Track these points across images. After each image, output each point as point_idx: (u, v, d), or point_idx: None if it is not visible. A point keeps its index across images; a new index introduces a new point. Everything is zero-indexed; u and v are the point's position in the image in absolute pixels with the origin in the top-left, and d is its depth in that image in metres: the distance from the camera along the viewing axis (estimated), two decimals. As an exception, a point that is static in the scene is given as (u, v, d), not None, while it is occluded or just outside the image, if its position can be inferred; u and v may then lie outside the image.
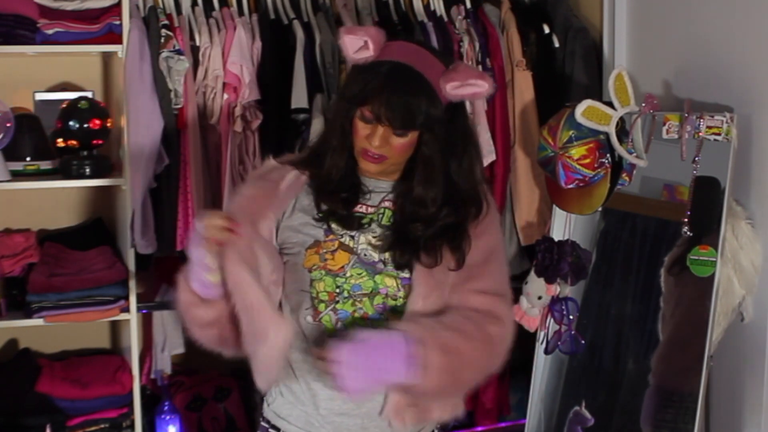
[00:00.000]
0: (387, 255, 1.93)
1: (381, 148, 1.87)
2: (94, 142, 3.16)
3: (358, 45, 1.90)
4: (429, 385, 1.84)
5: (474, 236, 1.96)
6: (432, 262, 1.91)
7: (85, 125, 3.12)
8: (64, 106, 3.17)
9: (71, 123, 3.11)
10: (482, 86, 1.96)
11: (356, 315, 1.92)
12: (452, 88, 1.91)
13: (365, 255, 1.94)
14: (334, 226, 1.95)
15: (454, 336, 1.87)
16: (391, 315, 1.92)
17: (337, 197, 1.95)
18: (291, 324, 1.91)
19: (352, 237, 1.94)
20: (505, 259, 2.07)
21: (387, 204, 1.98)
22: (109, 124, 3.18)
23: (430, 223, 1.92)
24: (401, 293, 1.92)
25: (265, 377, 1.92)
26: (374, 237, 1.95)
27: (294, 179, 1.98)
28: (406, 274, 1.93)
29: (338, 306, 1.92)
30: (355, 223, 1.95)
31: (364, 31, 1.92)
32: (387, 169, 1.94)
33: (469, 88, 1.93)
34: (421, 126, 1.87)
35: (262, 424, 2.05)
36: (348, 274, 1.92)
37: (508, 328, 1.99)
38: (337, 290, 1.92)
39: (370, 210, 1.97)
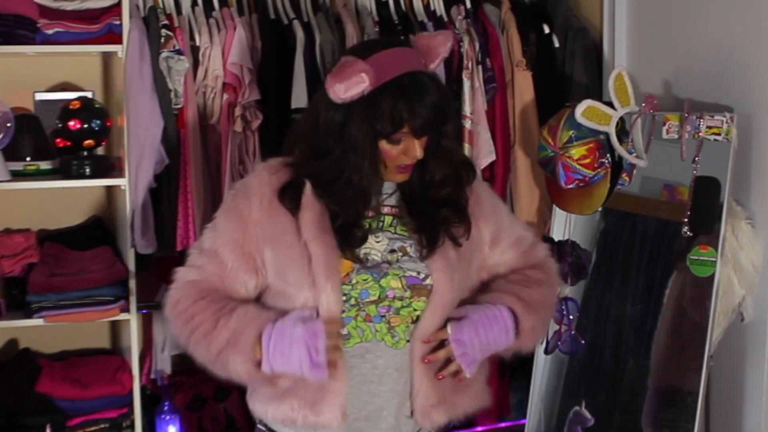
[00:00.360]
0: (391, 255, 1.93)
1: (420, 156, 1.90)
2: (94, 142, 3.16)
3: (354, 84, 1.84)
4: (526, 343, 2.01)
5: (475, 204, 2.02)
6: (442, 240, 1.94)
7: (86, 125, 3.11)
8: (63, 105, 3.17)
9: (71, 123, 3.11)
10: (446, 48, 1.96)
11: (359, 319, 1.91)
12: (436, 65, 1.95)
13: (368, 258, 1.93)
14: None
15: (533, 290, 2.02)
16: (393, 315, 1.92)
17: (359, 212, 1.93)
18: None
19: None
20: (507, 208, 2.18)
21: (386, 210, 1.98)
22: (108, 124, 3.18)
23: (448, 202, 1.97)
24: (408, 293, 1.92)
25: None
26: (376, 239, 1.95)
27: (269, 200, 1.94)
28: (411, 273, 1.93)
29: (343, 314, 1.90)
30: (357, 240, 1.94)
31: (352, 67, 1.85)
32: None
33: (440, 57, 1.96)
34: (442, 122, 1.92)
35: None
36: (354, 281, 1.91)
37: (548, 252, 2.17)
38: (344, 298, 1.90)
39: (371, 215, 1.96)
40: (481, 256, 2.04)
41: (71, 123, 3.11)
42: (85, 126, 3.12)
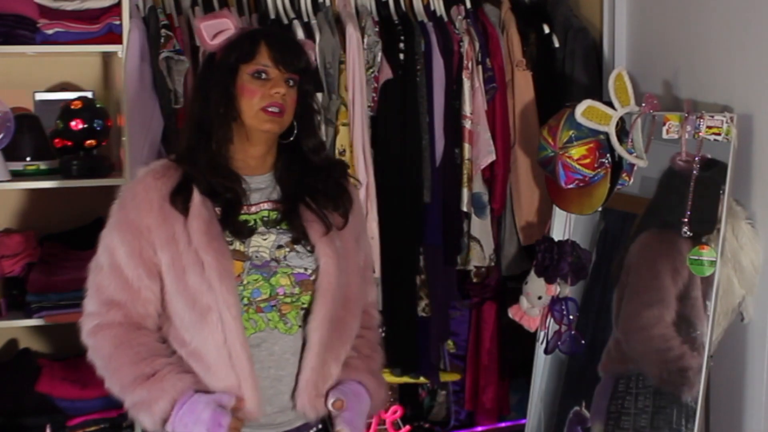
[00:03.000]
0: (279, 251, 1.99)
1: (283, 97, 1.96)
2: (94, 142, 3.15)
3: (219, 29, 2.00)
4: (378, 407, 2.17)
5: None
6: (325, 228, 2.02)
7: (85, 125, 3.11)
8: (63, 105, 3.17)
9: (71, 123, 3.11)
10: (311, 56, 2.12)
11: (251, 311, 1.96)
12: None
13: (256, 257, 1.97)
14: (225, 233, 1.97)
15: (372, 360, 2.14)
16: (283, 304, 1.98)
17: (230, 185, 1.99)
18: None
19: (243, 242, 1.98)
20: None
21: (266, 206, 2.03)
22: (109, 124, 3.18)
23: (323, 172, 2.06)
24: (297, 290, 1.99)
25: None
26: (263, 237, 1.99)
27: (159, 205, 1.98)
28: (299, 270, 1.99)
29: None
30: (246, 231, 1.99)
31: (220, 14, 2.05)
32: (281, 130, 2.01)
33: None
34: (305, 72, 2.03)
35: None
36: (245, 282, 1.96)
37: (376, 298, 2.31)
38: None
39: (252, 210, 2.01)
40: (355, 254, 2.12)
41: (72, 123, 3.11)
42: (86, 126, 3.12)
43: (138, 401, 1.96)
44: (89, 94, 3.37)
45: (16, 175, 3.10)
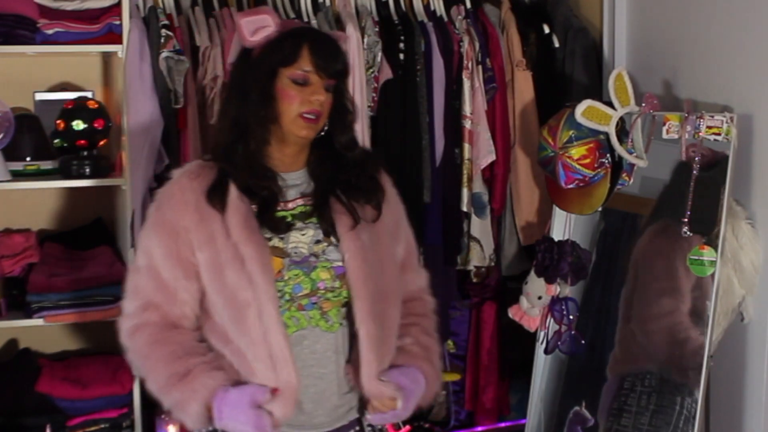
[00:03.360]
0: (317, 246, 1.99)
1: (323, 104, 1.96)
2: (94, 142, 3.15)
3: (259, 25, 1.97)
4: (432, 391, 2.11)
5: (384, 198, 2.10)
6: (353, 221, 2.01)
7: (86, 125, 3.11)
8: (64, 106, 3.17)
9: (71, 123, 3.11)
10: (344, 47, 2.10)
11: (292, 309, 1.97)
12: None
13: (295, 253, 1.98)
14: (263, 229, 1.98)
15: (430, 349, 2.13)
16: (324, 301, 1.99)
17: (265, 180, 2.00)
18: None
19: (282, 238, 1.99)
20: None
21: (301, 202, 2.04)
22: (109, 124, 3.18)
23: (358, 166, 2.05)
24: (337, 283, 1.99)
25: None
26: (301, 233, 2.00)
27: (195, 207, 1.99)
28: (337, 263, 1.99)
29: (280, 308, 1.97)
30: (283, 226, 1.99)
31: (261, 10, 2.03)
32: (316, 134, 2.01)
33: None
34: (343, 75, 2.02)
35: None
36: (286, 278, 1.96)
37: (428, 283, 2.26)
38: (278, 294, 1.95)
39: (289, 206, 2.02)
40: (390, 246, 2.11)
41: (71, 123, 3.11)
42: (86, 126, 3.11)
43: (173, 404, 1.96)
44: (89, 94, 3.37)
45: (16, 175, 3.10)
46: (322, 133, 2.04)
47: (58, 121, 3.13)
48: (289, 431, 1.99)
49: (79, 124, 3.10)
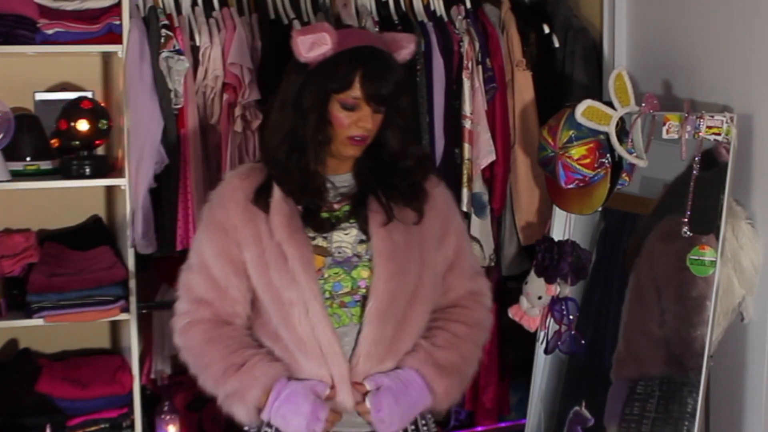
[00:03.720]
0: (361, 246, 2.01)
1: (370, 130, 1.98)
2: (94, 142, 3.16)
3: (314, 42, 1.97)
4: (442, 405, 2.06)
5: (432, 199, 2.09)
6: (386, 219, 2.01)
7: (85, 125, 3.11)
8: (64, 106, 3.17)
9: (71, 123, 3.11)
10: (411, 47, 2.07)
11: (334, 306, 1.99)
12: (399, 54, 2.04)
13: (339, 253, 2.00)
14: (307, 229, 2.01)
15: (451, 352, 2.05)
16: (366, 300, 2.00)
17: (317, 195, 2.02)
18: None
19: (325, 238, 2.01)
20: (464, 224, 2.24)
21: (345, 202, 2.05)
22: (109, 124, 3.18)
23: (404, 172, 2.05)
24: None
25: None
26: (344, 232, 2.02)
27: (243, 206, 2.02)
28: None
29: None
30: (327, 225, 2.01)
31: (319, 26, 2.00)
32: (362, 152, 2.03)
33: (404, 51, 2.06)
34: (396, 94, 1.99)
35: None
36: (326, 276, 1.99)
37: (489, 302, 2.25)
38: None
39: (335, 207, 2.04)
40: (432, 250, 2.09)
41: (71, 123, 3.11)
42: (85, 126, 3.11)
43: (230, 392, 1.98)
44: (89, 94, 3.37)
45: (16, 175, 3.10)
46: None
47: (61, 121, 3.12)
48: (336, 429, 2.00)
49: (82, 124, 3.10)
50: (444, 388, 2.03)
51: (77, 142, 3.12)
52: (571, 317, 2.94)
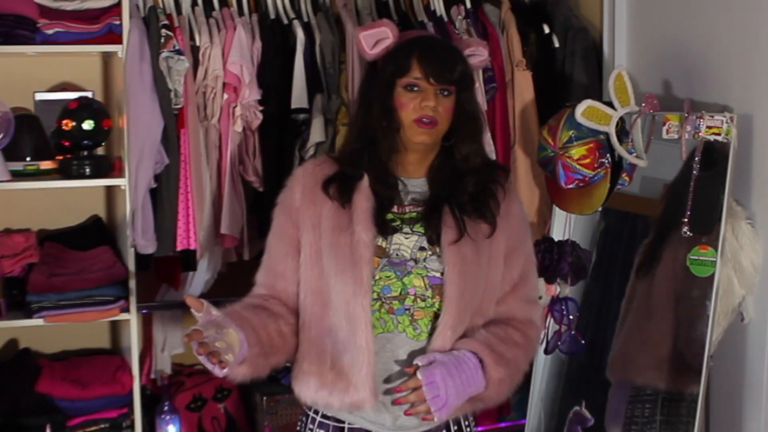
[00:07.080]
0: (420, 253, 2.00)
1: (435, 109, 1.98)
2: (94, 142, 3.15)
3: (378, 38, 2.03)
4: (492, 396, 2.03)
5: (503, 214, 2.07)
6: (458, 235, 2.00)
7: (86, 125, 3.11)
8: (64, 106, 3.16)
9: (72, 123, 3.11)
10: (484, 53, 2.14)
11: (382, 311, 1.98)
12: (468, 56, 2.08)
13: (396, 255, 2.00)
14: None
15: (508, 347, 2.03)
16: (417, 309, 1.98)
17: (391, 185, 2.05)
18: None
19: (386, 239, 2.01)
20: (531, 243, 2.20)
21: (414, 207, 2.05)
22: (109, 124, 3.18)
23: (477, 179, 2.05)
24: (429, 293, 1.99)
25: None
26: (405, 236, 2.02)
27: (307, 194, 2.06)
28: (435, 273, 1.99)
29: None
30: (388, 228, 2.02)
31: (380, 23, 2.06)
32: (435, 140, 2.03)
33: (476, 57, 2.11)
34: (460, 81, 2.01)
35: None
36: (377, 277, 1.98)
37: (540, 330, 2.29)
38: None
39: (403, 211, 2.05)
40: (497, 266, 2.07)
41: (71, 123, 3.10)
42: (86, 126, 3.11)
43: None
44: (89, 94, 3.37)
45: (16, 175, 3.10)
46: (448, 144, 2.06)
47: (65, 121, 3.12)
48: (373, 428, 2.01)
49: (82, 124, 3.10)
50: (499, 376, 1.99)
51: (77, 142, 3.12)
52: (571, 317, 2.94)
